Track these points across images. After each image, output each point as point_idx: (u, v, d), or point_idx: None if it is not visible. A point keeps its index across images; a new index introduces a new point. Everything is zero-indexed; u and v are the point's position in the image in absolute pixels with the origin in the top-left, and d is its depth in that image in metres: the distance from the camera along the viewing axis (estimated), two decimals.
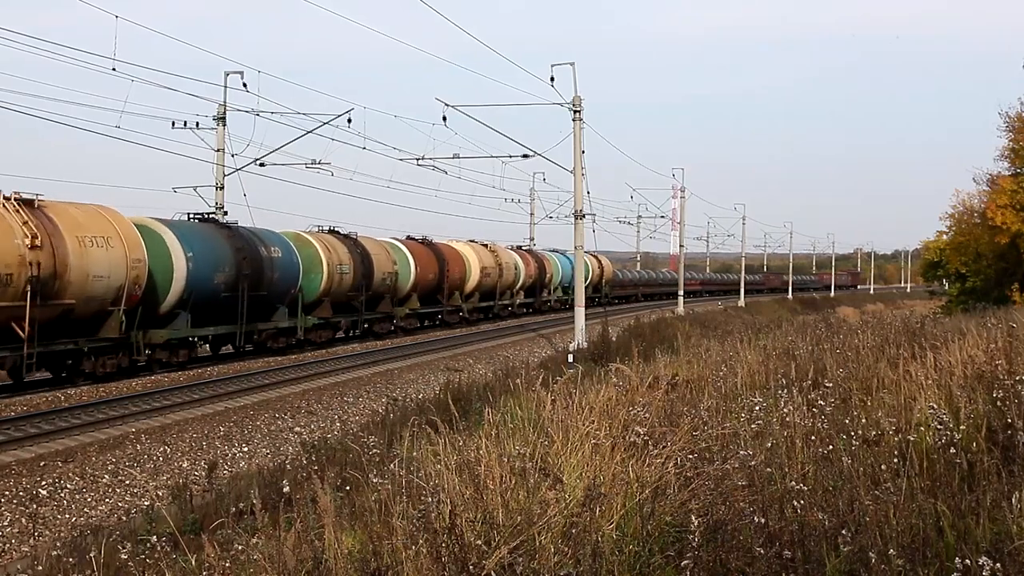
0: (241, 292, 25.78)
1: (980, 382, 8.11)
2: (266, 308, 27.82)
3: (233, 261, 25.53)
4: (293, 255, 29.05)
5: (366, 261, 33.47)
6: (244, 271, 25.78)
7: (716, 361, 12.78)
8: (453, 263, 41.69)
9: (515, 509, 5.07)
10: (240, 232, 27.06)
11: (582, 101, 31.74)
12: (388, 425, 12.62)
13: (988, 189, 44.56)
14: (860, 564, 4.40)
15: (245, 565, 5.35)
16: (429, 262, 39.24)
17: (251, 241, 27.03)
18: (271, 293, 27.62)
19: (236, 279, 25.58)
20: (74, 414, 16.84)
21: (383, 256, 35.25)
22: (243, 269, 25.75)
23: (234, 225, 27.61)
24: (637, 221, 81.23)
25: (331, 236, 32.70)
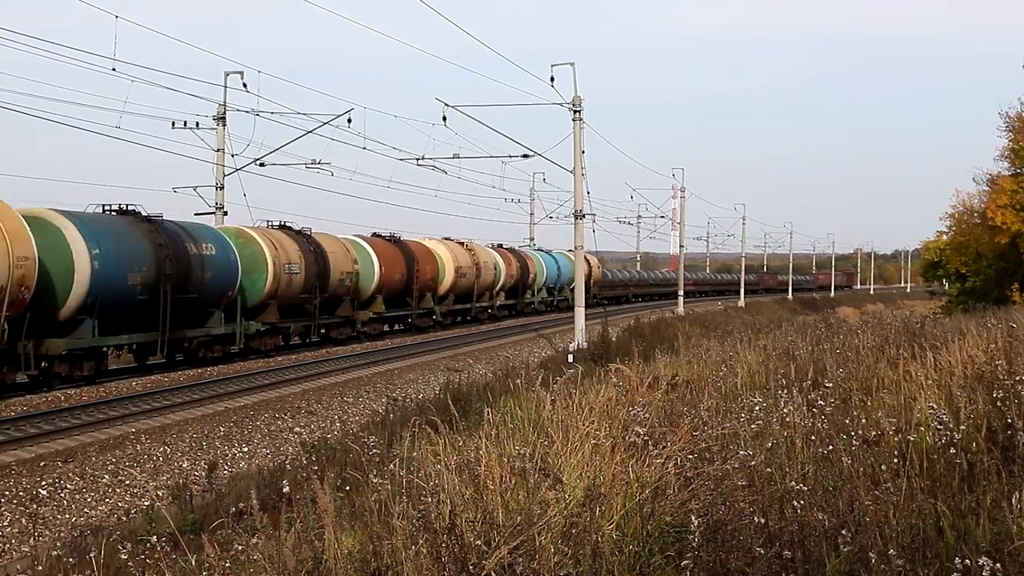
0: (163, 295, 22.60)
1: (980, 382, 8.11)
2: (197, 313, 24.79)
3: (153, 259, 22.40)
4: (230, 253, 25.99)
5: (321, 260, 30.43)
6: (167, 271, 22.68)
7: (716, 361, 12.79)
8: (424, 262, 38.64)
9: (515, 509, 5.07)
10: (165, 227, 23.79)
11: (582, 101, 31.76)
12: (388, 425, 12.61)
13: (988, 189, 44.59)
14: (860, 564, 4.40)
15: (245, 565, 5.35)
16: (396, 261, 36.31)
17: (177, 237, 23.90)
18: (203, 296, 24.56)
19: (157, 280, 22.45)
20: (74, 414, 16.84)
21: (341, 254, 32.19)
22: (165, 268, 22.63)
23: (158, 219, 23.87)
24: (637, 221, 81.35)
25: (280, 232, 30.01)
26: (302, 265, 29.18)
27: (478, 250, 45.18)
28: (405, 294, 37.35)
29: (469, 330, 41.23)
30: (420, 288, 38.08)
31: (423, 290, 38.60)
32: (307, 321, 30.24)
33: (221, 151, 33.14)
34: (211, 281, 24.81)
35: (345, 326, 32.69)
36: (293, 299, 29.25)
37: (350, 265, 32.36)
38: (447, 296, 41.33)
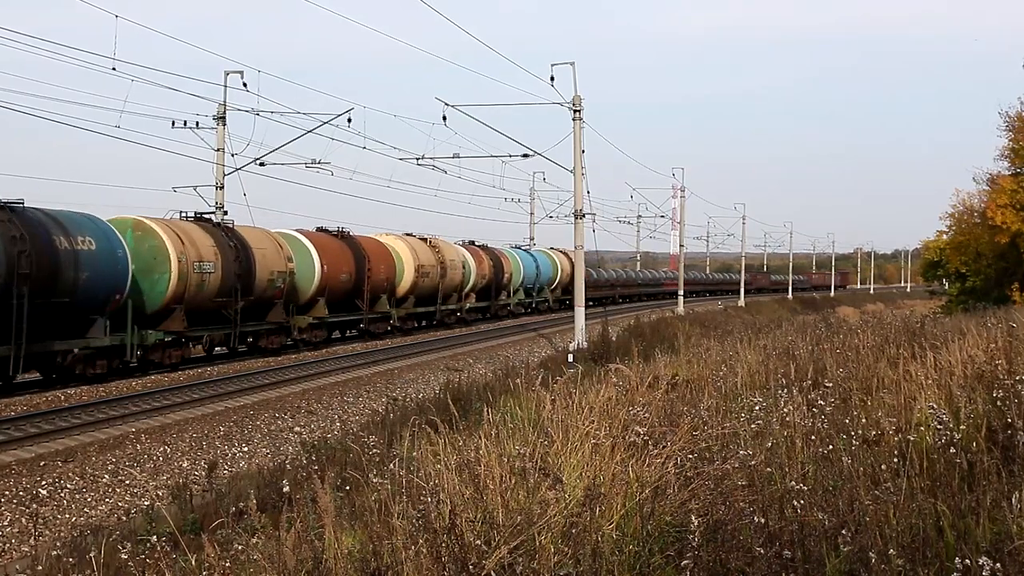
0: (18, 299, 18.40)
1: (980, 382, 8.11)
2: (71, 321, 20.43)
3: (3, 255, 18.26)
4: (116, 248, 21.47)
5: (243, 257, 26.24)
6: (22, 269, 18.51)
7: (716, 361, 12.79)
8: (378, 260, 34.42)
9: (515, 509, 5.07)
10: (24, 215, 19.34)
11: (582, 101, 31.76)
12: (388, 425, 12.62)
13: (988, 189, 44.62)
14: (860, 564, 4.40)
15: (245, 565, 5.35)
16: (342, 259, 32.17)
17: (40, 228, 19.48)
18: (78, 300, 20.17)
19: (9, 281, 18.28)
20: (74, 414, 16.84)
21: (272, 251, 28.09)
22: (20, 267, 18.47)
23: (16, 205, 19.39)
24: (637, 221, 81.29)
25: (191, 224, 25.76)
26: (218, 263, 25.03)
27: (444, 247, 41.13)
28: (354, 296, 33.13)
29: (470, 329, 41.13)
30: (373, 289, 33.91)
31: (377, 291, 34.41)
32: (226, 329, 25.92)
33: (221, 151, 33.14)
34: (89, 282, 20.36)
35: (277, 334, 28.55)
36: (207, 303, 24.96)
37: (282, 263, 28.38)
38: (406, 298, 37.28)
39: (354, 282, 32.77)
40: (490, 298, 47.13)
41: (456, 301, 42.45)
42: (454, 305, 42.26)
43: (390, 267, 35.62)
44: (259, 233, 28.55)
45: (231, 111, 32.93)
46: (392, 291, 36.03)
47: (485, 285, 46.04)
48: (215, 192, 33.25)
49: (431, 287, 39.13)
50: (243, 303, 26.16)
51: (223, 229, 26.81)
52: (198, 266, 24.28)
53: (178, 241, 23.88)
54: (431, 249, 39.80)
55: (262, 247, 27.66)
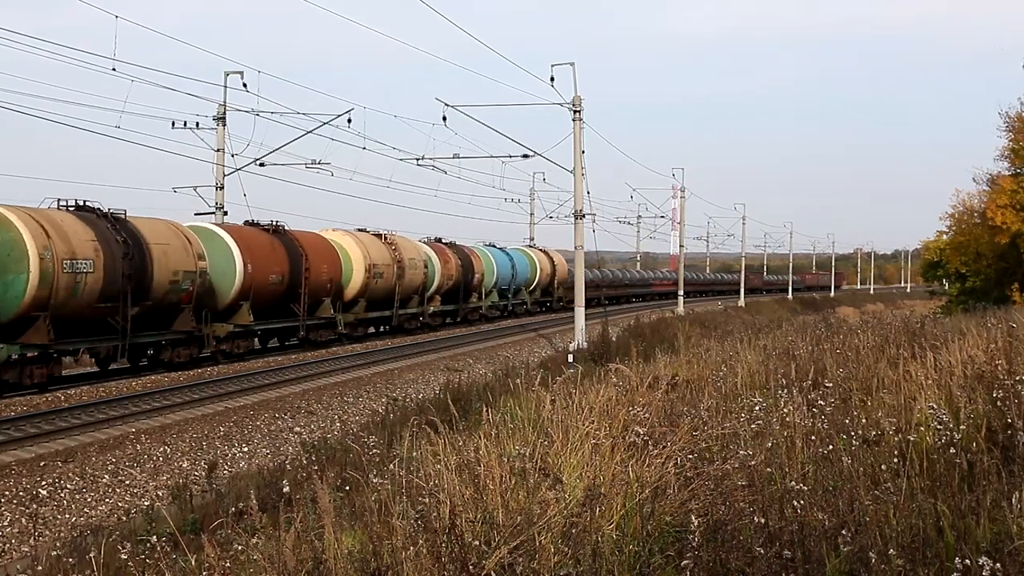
0: None
1: (980, 382, 8.11)
2: None
3: None
4: None
5: (135, 253, 21.69)
6: None
7: (716, 361, 12.79)
8: (319, 259, 30.43)
9: (515, 509, 5.07)
10: None
11: (582, 101, 31.77)
12: (388, 425, 12.62)
13: (988, 189, 44.64)
14: (860, 564, 4.40)
15: (245, 565, 5.35)
16: (272, 257, 28.05)
17: None
18: None
19: None
20: (74, 414, 16.84)
21: (177, 247, 23.61)
22: None
23: None
24: (637, 221, 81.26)
25: (67, 214, 21.00)
26: (98, 261, 20.49)
27: (402, 244, 36.96)
28: (290, 300, 29.02)
29: (469, 330, 40.95)
30: (313, 292, 29.85)
31: (318, 294, 30.33)
32: (113, 340, 21.62)
33: (221, 151, 33.14)
34: None
35: (186, 345, 24.27)
36: (85, 310, 20.58)
37: (191, 261, 23.81)
38: (356, 301, 33.23)
39: (288, 284, 28.54)
40: (458, 301, 42.98)
41: (418, 304, 38.19)
42: (415, 309, 38.06)
43: (334, 266, 31.50)
44: (162, 226, 23.83)
45: (231, 111, 32.95)
46: (339, 294, 31.97)
47: (452, 287, 41.83)
48: (215, 192, 33.25)
49: (386, 289, 34.94)
50: (137, 310, 21.73)
51: (110, 220, 21.83)
52: (70, 264, 19.68)
53: (41, 234, 19.24)
54: (387, 246, 35.61)
55: (163, 242, 23.02)
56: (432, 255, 39.73)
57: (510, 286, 49.59)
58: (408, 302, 37.27)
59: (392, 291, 35.49)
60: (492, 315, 47.05)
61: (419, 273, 37.60)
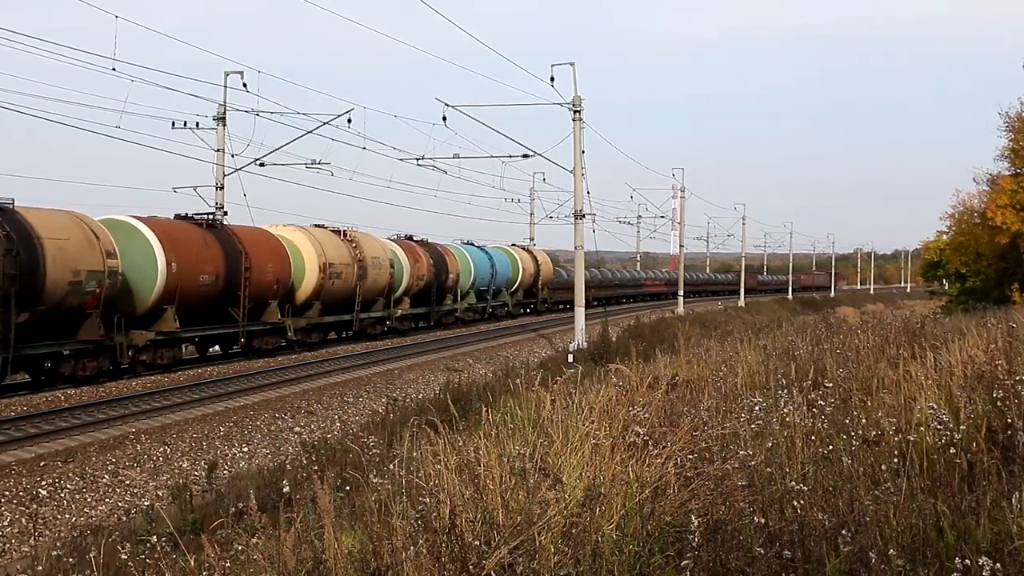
0: None
1: (980, 382, 8.10)
2: None
3: None
4: None
5: (24, 249, 18.32)
6: None
7: (716, 361, 12.79)
8: (261, 258, 26.94)
9: (515, 509, 5.07)
10: None
11: (582, 101, 31.78)
12: (388, 425, 12.63)
13: (988, 189, 44.63)
14: (860, 564, 4.40)
15: (245, 565, 5.35)
16: (204, 255, 24.63)
17: None
18: None
19: None
20: (74, 414, 16.85)
21: (78, 242, 20.00)
22: None
23: None
24: (637, 221, 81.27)
25: None
26: None
27: (364, 241, 33.63)
28: (227, 303, 25.74)
29: (469, 330, 40.79)
30: (255, 294, 26.58)
31: (261, 296, 27.03)
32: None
33: (221, 151, 33.13)
34: None
35: (94, 356, 20.77)
36: None
37: (97, 259, 20.37)
38: (310, 305, 29.88)
39: (224, 285, 25.16)
40: (430, 303, 39.65)
41: (383, 307, 34.89)
42: (379, 312, 34.74)
43: (282, 266, 28.05)
44: (62, 218, 20.35)
45: (231, 111, 32.93)
46: (289, 296, 28.82)
47: (423, 288, 38.57)
48: (215, 192, 33.24)
49: (345, 290, 31.62)
50: (26, 316, 18.44)
51: None
52: None
53: None
54: (346, 244, 32.29)
55: (61, 236, 19.57)
56: (400, 253, 36.56)
57: (489, 287, 46.16)
58: (372, 305, 34.15)
59: (353, 293, 32.08)
60: (469, 318, 43.71)
61: (384, 273, 34.18)
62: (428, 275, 38.69)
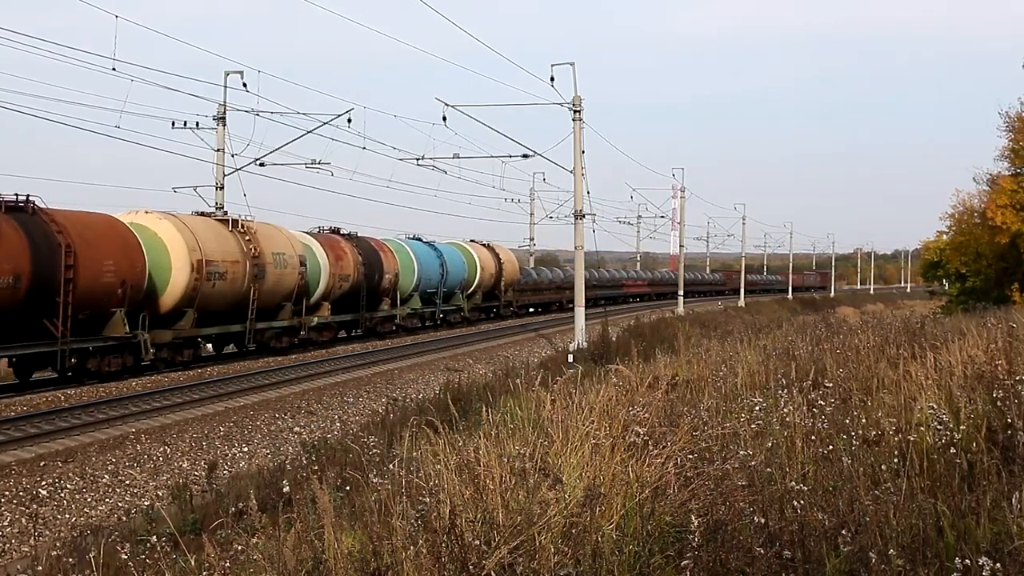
0: None
1: (980, 382, 8.11)
2: None
3: None
4: None
5: None
6: None
7: (716, 361, 12.79)
8: (96, 252, 20.62)
9: (515, 509, 5.07)
10: None
11: (582, 101, 31.77)
12: (388, 425, 12.62)
13: (988, 189, 44.64)
14: (860, 564, 4.40)
15: (245, 565, 5.35)
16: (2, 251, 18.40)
17: None
18: None
19: None
20: (74, 414, 16.85)
21: None
22: None
23: None
24: (637, 221, 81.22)
25: None
26: None
27: (264, 234, 27.71)
28: (41, 313, 19.37)
29: (469, 330, 40.65)
30: (87, 301, 20.32)
31: (100, 304, 20.83)
32: None
33: (221, 151, 33.12)
34: None
35: None
36: None
37: None
38: (180, 313, 23.72)
39: (31, 289, 18.86)
40: (358, 308, 33.73)
41: (291, 315, 28.73)
42: (285, 321, 28.50)
43: (130, 262, 21.70)
44: None
45: (231, 111, 32.90)
46: (149, 301, 22.70)
47: (350, 290, 32.74)
48: (215, 192, 33.22)
49: (233, 294, 25.65)
50: None
51: None
52: None
53: None
54: (236, 236, 26.35)
55: None
56: (317, 249, 30.76)
57: (438, 289, 40.15)
58: (276, 312, 28.16)
59: (244, 297, 26.02)
60: (412, 325, 38.22)
61: (292, 273, 28.20)
62: (355, 275, 32.83)
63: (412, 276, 37.72)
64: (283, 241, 28.73)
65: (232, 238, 26.27)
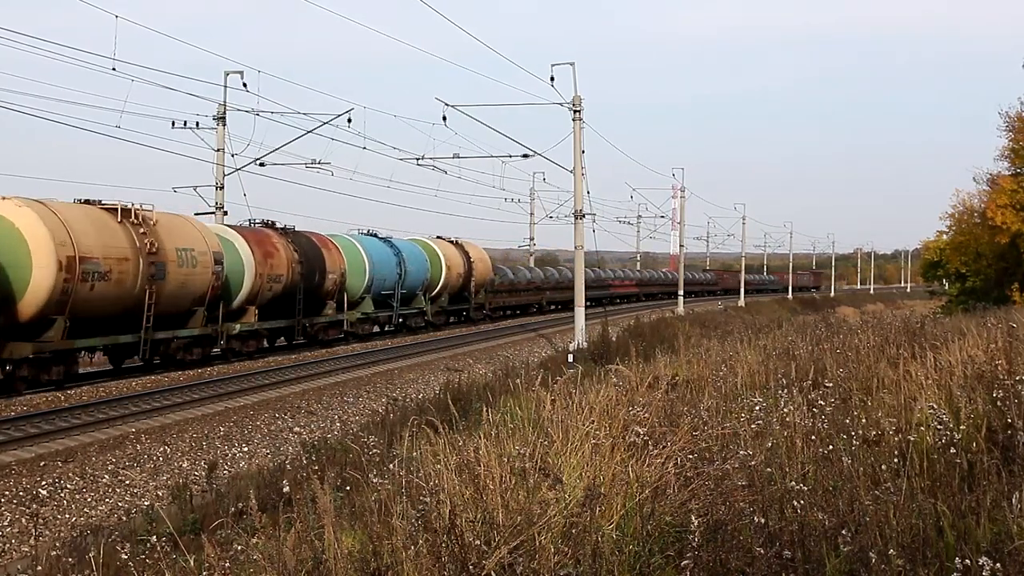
0: None
1: (980, 382, 8.11)
2: None
3: None
4: None
5: None
6: None
7: (716, 361, 12.78)
8: None
9: (515, 509, 5.07)
10: None
11: (582, 101, 31.80)
12: (388, 425, 12.62)
13: (988, 189, 44.70)
14: (860, 564, 4.40)
15: (245, 565, 5.35)
16: None
17: None
18: None
19: None
20: (74, 414, 16.84)
21: None
22: None
23: None
24: (637, 221, 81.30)
25: None
26: None
27: (166, 225, 23.37)
28: None
29: (469, 330, 40.65)
30: None
31: None
32: None
33: (221, 151, 33.16)
34: None
35: None
36: None
37: None
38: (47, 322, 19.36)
39: None
40: (293, 313, 28.97)
41: (203, 322, 24.36)
42: (195, 330, 24.08)
43: None
44: None
45: (231, 111, 32.97)
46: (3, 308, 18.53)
47: (283, 292, 28.22)
48: (215, 192, 33.27)
49: (123, 299, 21.30)
50: None
51: None
52: None
53: None
54: (127, 228, 21.67)
55: None
56: (240, 245, 26.51)
57: (395, 291, 35.62)
58: (185, 318, 23.91)
59: (139, 302, 21.70)
60: (364, 332, 33.82)
61: (203, 273, 24.01)
62: (290, 275, 28.31)
63: (363, 276, 33.25)
64: (192, 235, 24.27)
65: (121, 231, 21.44)
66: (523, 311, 52.63)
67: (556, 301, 55.68)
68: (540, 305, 53.72)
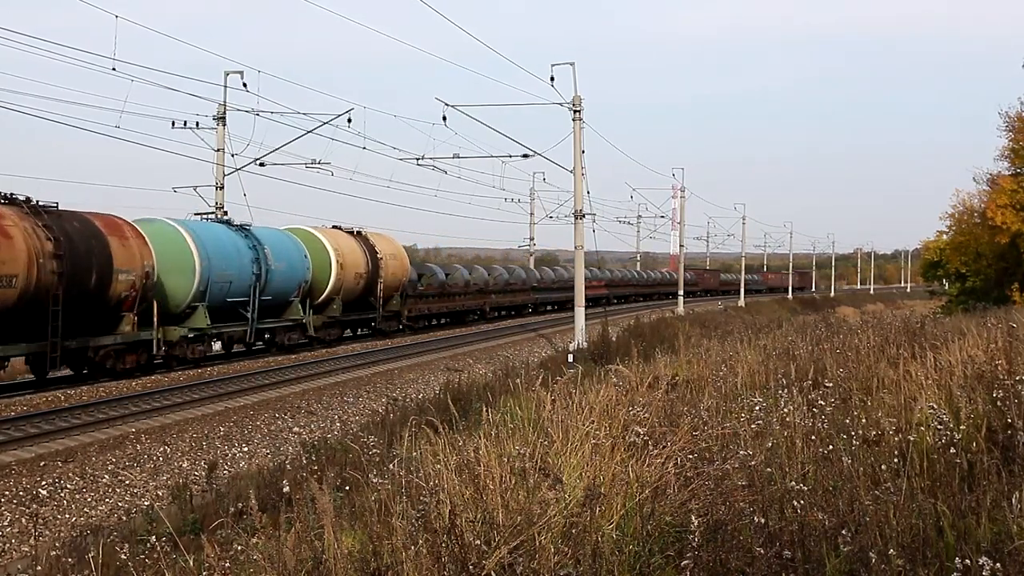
0: None
1: (980, 382, 8.11)
2: None
3: None
4: None
5: None
6: None
7: (716, 361, 12.78)
8: None
9: (515, 509, 5.07)
10: None
11: (582, 101, 31.78)
12: (388, 425, 12.62)
13: (988, 189, 44.68)
14: (860, 564, 4.40)
15: (245, 565, 5.35)
16: None
17: None
18: None
19: None
20: (74, 414, 16.84)
21: None
22: None
23: None
24: (637, 221, 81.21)
25: None
26: None
27: None
28: None
29: (469, 329, 40.64)
30: None
31: None
32: None
33: (221, 151, 33.13)
34: None
35: None
36: None
37: None
38: None
39: None
40: (44, 333, 18.63)
41: None
42: None
43: None
44: None
45: (231, 111, 32.92)
46: None
47: (18, 303, 18.01)
48: (215, 192, 33.24)
49: None
50: None
51: None
52: None
53: None
54: None
55: None
56: None
57: (252, 296, 26.27)
58: None
59: None
60: (194, 356, 24.15)
61: None
62: (32, 274, 18.28)
63: (189, 276, 23.89)
64: None
65: None
66: (457, 320, 42.61)
67: (499, 307, 46.89)
68: (482, 311, 44.08)
